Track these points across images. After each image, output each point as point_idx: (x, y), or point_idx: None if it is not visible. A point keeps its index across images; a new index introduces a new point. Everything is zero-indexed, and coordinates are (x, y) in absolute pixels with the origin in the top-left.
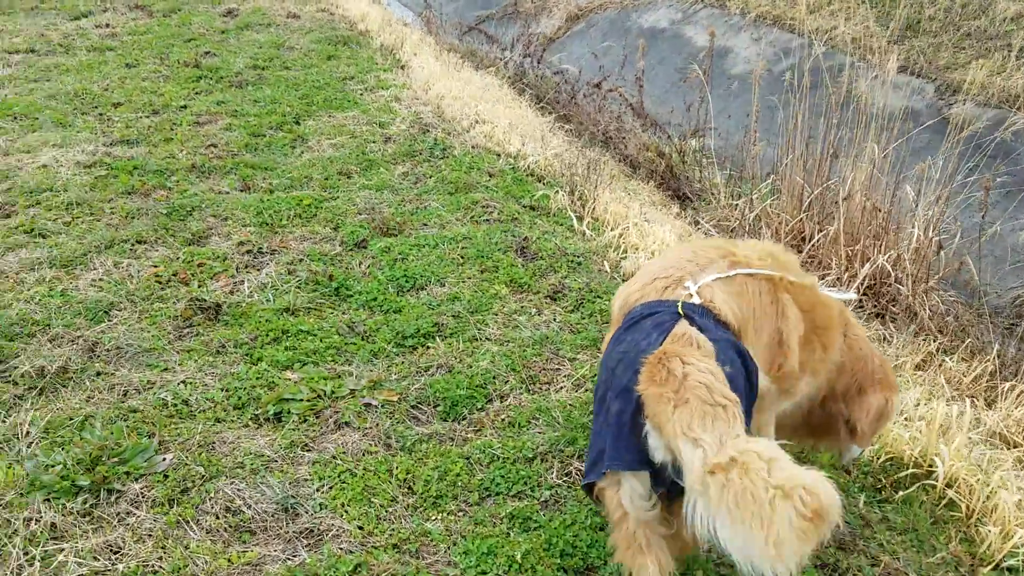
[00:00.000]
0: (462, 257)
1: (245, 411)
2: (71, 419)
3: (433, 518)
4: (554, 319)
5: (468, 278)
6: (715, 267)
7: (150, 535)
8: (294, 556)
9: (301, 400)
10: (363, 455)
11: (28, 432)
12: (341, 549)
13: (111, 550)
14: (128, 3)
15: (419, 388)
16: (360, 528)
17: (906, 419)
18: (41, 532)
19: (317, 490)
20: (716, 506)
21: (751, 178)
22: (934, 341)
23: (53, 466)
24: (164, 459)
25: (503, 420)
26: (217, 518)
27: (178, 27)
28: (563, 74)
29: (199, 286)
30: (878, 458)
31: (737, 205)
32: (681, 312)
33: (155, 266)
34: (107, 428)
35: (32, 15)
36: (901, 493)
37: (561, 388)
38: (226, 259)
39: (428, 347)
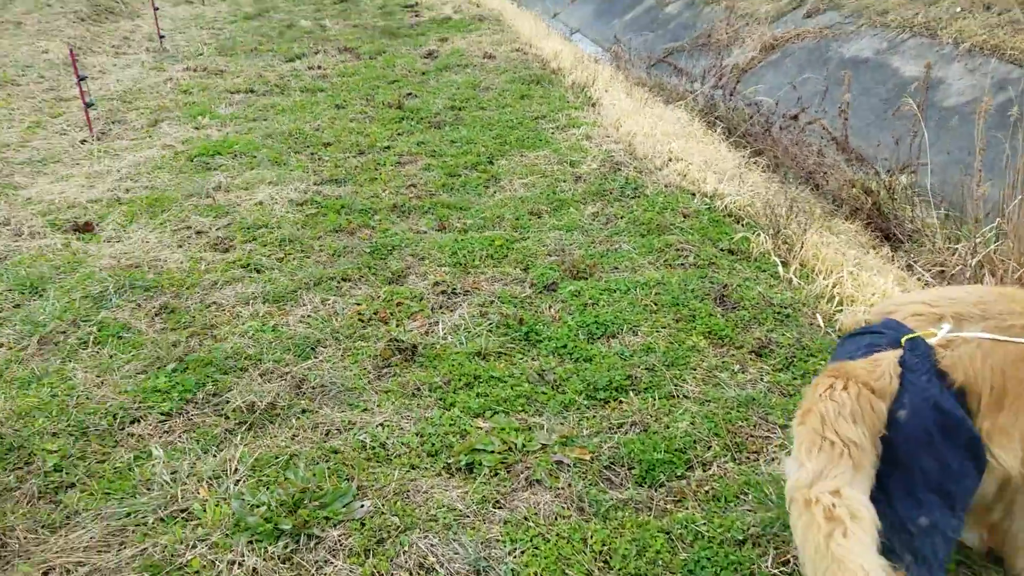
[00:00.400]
0: (656, 304)
1: (438, 459)
2: (277, 457)
3: None
4: (761, 378)
5: (663, 327)
6: (1001, 323)
7: None
8: None
9: (492, 452)
10: (555, 519)
11: (236, 469)
12: None
13: None
14: (338, 46)
15: (612, 447)
16: None
17: None
18: None
19: (509, 553)
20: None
21: (973, 221)
22: None
23: (258, 507)
24: (362, 505)
25: (706, 492)
26: (410, 574)
27: (383, 69)
28: (757, 106)
29: (397, 325)
30: None
31: (956, 249)
32: (902, 344)
33: (358, 304)
34: (310, 469)
35: (251, 56)
36: None
37: (772, 459)
38: (422, 299)
39: (621, 402)
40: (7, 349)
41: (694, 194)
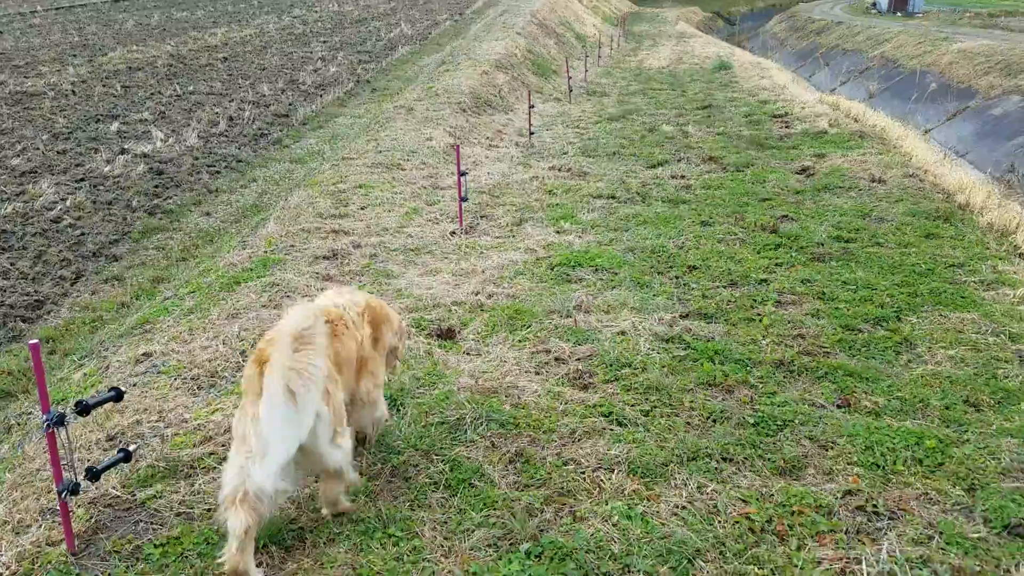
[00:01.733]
0: None
1: None
2: None
3: None
4: None
5: None
6: None
7: None
8: None
9: None
10: None
11: None
12: None
13: None
14: (701, 154)
15: None
16: None
17: None
18: None
19: None
20: None
21: None
22: None
23: None
24: None
25: None
26: None
27: (751, 184)
28: None
29: (799, 548)
30: None
31: None
32: None
33: (745, 502)
34: None
35: (613, 160)
36: None
37: None
38: (831, 513)
39: None
40: (361, 474)
41: None
